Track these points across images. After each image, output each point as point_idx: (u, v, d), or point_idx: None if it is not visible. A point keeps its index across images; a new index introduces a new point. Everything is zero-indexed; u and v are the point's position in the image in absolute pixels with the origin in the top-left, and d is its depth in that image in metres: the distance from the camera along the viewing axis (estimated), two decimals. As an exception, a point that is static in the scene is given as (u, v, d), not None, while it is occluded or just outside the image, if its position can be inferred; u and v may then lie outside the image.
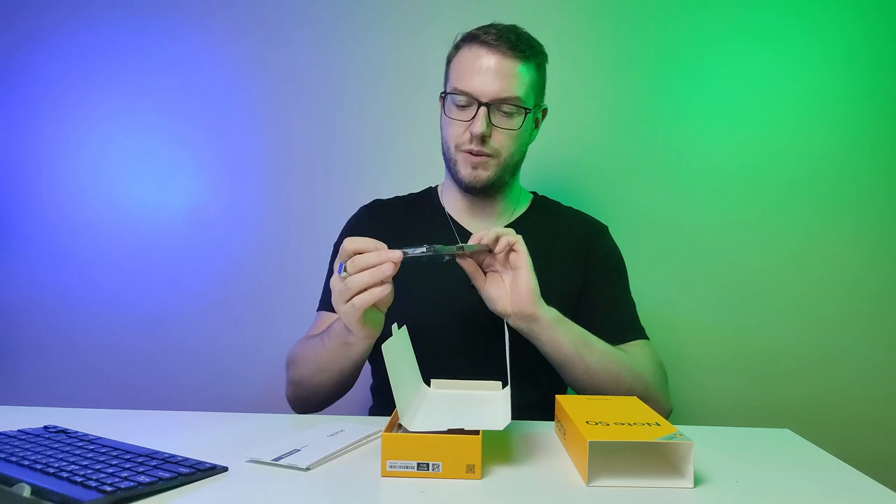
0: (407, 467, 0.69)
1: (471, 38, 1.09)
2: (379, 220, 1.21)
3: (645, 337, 1.13)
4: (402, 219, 1.20)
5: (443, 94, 1.13)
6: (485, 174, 1.10)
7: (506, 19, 1.12)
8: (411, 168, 1.55)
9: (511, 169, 1.12)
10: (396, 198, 1.26)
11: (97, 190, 1.63)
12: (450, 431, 0.70)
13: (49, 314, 1.63)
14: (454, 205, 1.19)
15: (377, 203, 1.26)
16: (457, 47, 1.12)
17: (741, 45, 1.52)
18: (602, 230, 1.21)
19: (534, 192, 1.27)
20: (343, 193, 1.55)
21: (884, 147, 1.50)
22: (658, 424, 0.73)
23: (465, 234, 1.15)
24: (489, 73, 1.05)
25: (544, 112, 1.18)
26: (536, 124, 1.17)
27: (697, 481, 0.68)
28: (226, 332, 1.59)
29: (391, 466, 0.69)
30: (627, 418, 0.75)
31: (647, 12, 1.52)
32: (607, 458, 0.72)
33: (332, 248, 1.20)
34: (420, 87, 1.55)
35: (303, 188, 1.59)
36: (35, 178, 1.64)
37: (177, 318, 1.60)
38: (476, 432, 0.70)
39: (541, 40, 1.13)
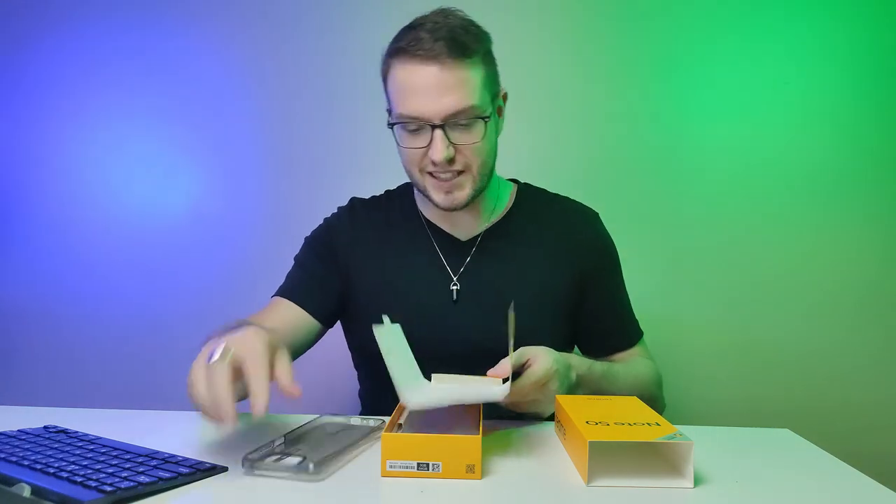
0: (407, 467, 0.69)
1: (399, 52, 0.93)
2: (357, 225, 1.12)
3: (642, 333, 1.15)
4: (382, 225, 1.11)
5: (390, 124, 0.98)
6: (462, 194, 0.98)
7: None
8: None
9: (487, 175, 1.01)
10: (374, 198, 1.16)
11: (97, 190, 1.63)
12: (450, 432, 0.70)
13: (49, 314, 1.63)
14: (431, 209, 1.07)
15: (356, 204, 1.15)
16: (387, 63, 0.96)
17: (743, 41, 1.52)
18: (594, 217, 1.13)
19: (514, 181, 1.16)
20: (344, 192, 1.54)
21: (887, 147, 1.50)
22: (658, 424, 0.73)
23: (444, 238, 1.08)
24: (432, 89, 0.90)
25: (504, 96, 1.04)
26: (500, 113, 1.04)
27: (697, 481, 0.68)
28: (226, 332, 1.59)
29: (391, 466, 0.69)
30: (627, 418, 0.75)
31: (648, 7, 1.52)
32: (607, 458, 0.72)
33: (303, 241, 1.14)
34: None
35: (304, 187, 1.59)
36: (35, 179, 1.65)
37: (177, 318, 1.60)
38: (476, 432, 0.71)
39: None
